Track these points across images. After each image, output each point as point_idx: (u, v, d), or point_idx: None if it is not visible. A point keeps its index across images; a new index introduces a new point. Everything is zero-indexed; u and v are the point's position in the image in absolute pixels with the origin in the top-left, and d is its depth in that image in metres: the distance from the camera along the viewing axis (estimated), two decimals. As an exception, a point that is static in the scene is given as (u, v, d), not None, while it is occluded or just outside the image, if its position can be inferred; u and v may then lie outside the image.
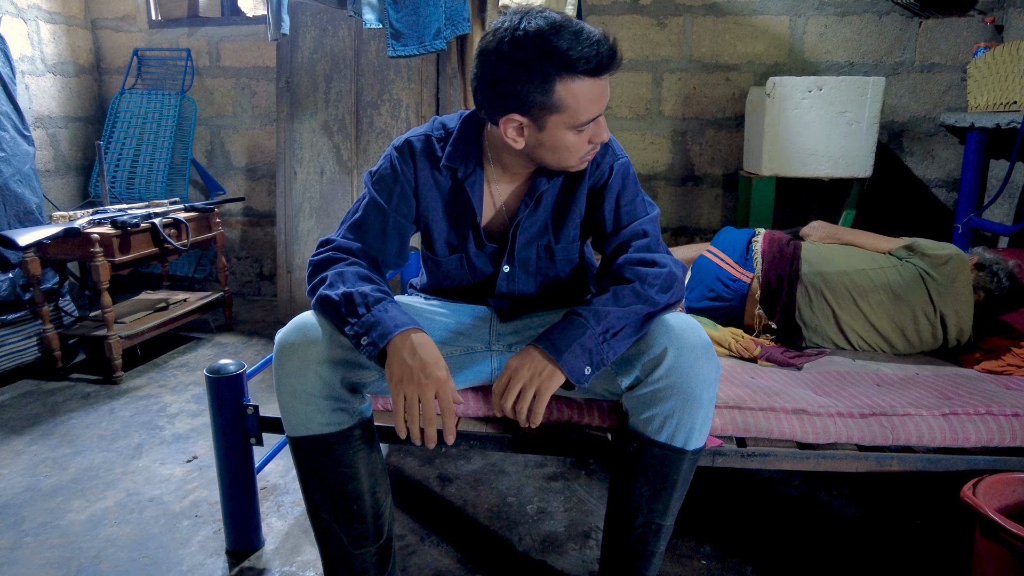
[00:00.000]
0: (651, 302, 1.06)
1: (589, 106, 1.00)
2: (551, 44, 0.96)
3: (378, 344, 1.00)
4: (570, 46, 0.96)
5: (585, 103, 1.00)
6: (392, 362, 0.99)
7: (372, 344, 1.00)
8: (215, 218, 2.79)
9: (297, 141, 2.91)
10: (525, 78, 0.98)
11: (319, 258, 1.15)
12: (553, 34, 0.96)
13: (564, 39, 0.96)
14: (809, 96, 2.30)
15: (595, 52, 0.96)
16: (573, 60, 0.96)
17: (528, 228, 1.20)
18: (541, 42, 0.96)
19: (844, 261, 1.64)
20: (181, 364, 2.56)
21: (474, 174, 1.17)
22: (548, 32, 0.96)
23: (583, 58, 0.96)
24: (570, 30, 0.96)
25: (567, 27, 0.96)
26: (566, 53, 0.96)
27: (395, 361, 0.99)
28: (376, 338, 1.00)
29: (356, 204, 1.21)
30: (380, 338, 1.00)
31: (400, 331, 1.00)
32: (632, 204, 1.18)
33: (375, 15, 2.05)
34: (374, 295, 1.05)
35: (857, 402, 1.36)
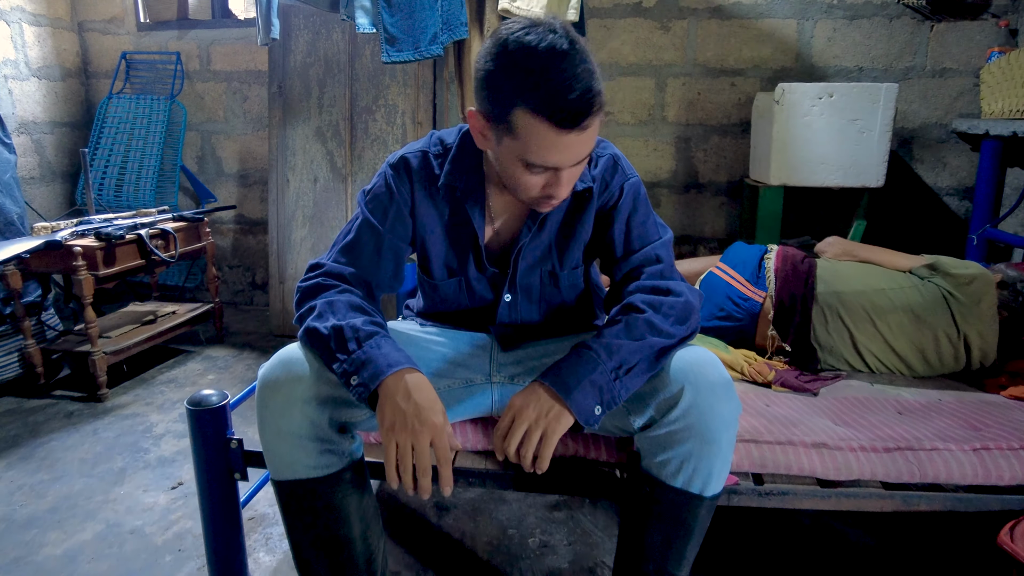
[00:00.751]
0: (666, 335, 0.98)
1: (544, 152, 0.89)
2: (529, 72, 0.85)
3: (369, 385, 0.92)
4: (547, 87, 0.84)
5: (539, 147, 0.89)
6: (384, 406, 0.91)
7: (363, 385, 0.92)
8: (205, 227, 2.70)
9: (290, 148, 2.82)
10: (494, 83, 0.89)
11: (308, 284, 1.07)
12: (538, 61, 0.85)
13: (546, 75, 0.84)
14: (819, 103, 2.22)
15: (567, 108, 0.84)
16: (541, 101, 0.85)
17: (531, 253, 1.11)
18: (524, 58, 0.86)
19: (862, 280, 1.56)
20: (169, 379, 2.47)
21: (474, 194, 1.09)
22: (536, 56, 0.85)
23: (553, 108, 0.85)
24: (558, 70, 0.84)
25: (558, 63, 0.84)
26: (536, 91, 0.85)
27: (387, 405, 0.91)
28: (367, 378, 0.92)
29: (348, 225, 1.14)
30: (371, 379, 0.92)
31: (393, 371, 0.92)
32: (644, 227, 1.10)
33: (368, 19, 1.96)
34: (366, 329, 0.97)
35: (879, 433, 1.28)
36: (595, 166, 1.10)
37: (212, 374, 2.53)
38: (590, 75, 0.86)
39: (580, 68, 0.85)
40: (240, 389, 2.39)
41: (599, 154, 1.11)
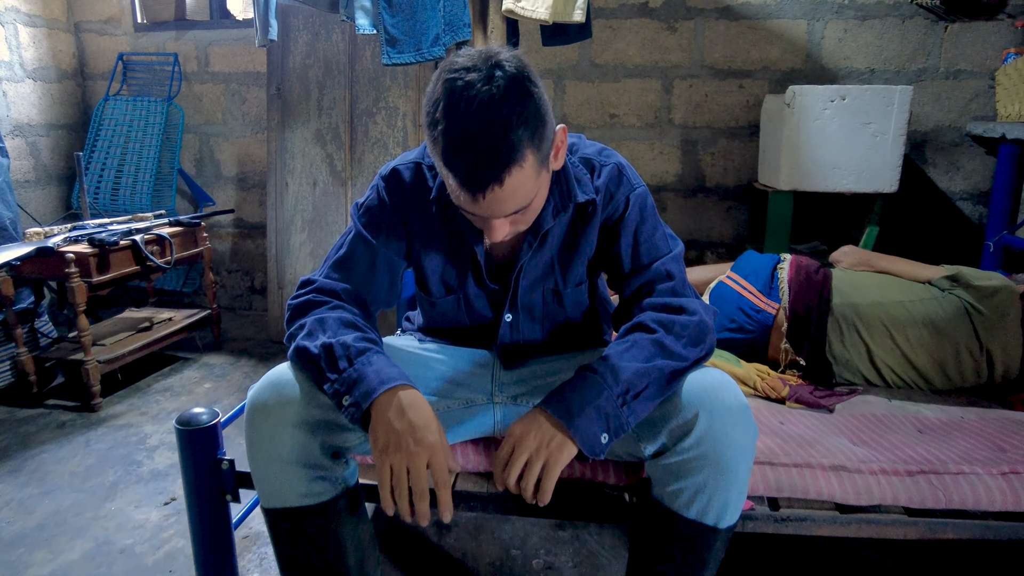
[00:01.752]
0: (678, 357, 0.92)
1: (463, 204, 0.86)
2: (436, 123, 0.81)
3: (361, 404, 0.87)
4: (450, 146, 0.80)
5: (456, 197, 0.86)
6: (377, 425, 0.86)
7: (355, 405, 0.87)
8: (202, 232, 2.65)
9: (288, 151, 2.77)
10: (424, 115, 0.85)
11: (298, 302, 1.02)
12: (449, 113, 0.79)
13: (451, 131, 0.79)
14: (831, 106, 2.16)
15: (469, 175, 0.81)
16: (446, 159, 0.82)
17: (532, 271, 1.06)
18: (438, 106, 0.81)
19: (879, 292, 1.50)
20: (165, 388, 2.42)
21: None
22: (451, 107, 0.79)
23: (456, 168, 0.81)
24: (466, 125, 0.78)
25: (469, 120, 0.78)
26: (438, 147, 0.82)
27: (380, 424, 0.86)
28: (359, 397, 0.87)
29: (341, 239, 1.08)
30: (363, 397, 0.87)
31: (386, 388, 0.87)
32: (652, 240, 1.04)
33: (369, 20, 1.91)
34: (357, 346, 0.91)
35: (900, 455, 1.22)
36: (598, 176, 1.04)
37: (209, 382, 2.48)
38: (505, 130, 0.79)
39: (492, 125, 0.78)
40: (237, 399, 2.34)
41: (602, 163, 1.05)
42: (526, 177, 0.84)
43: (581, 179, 1.03)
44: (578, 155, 1.06)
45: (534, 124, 0.82)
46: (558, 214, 1.02)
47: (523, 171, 0.83)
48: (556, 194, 1.01)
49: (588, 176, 1.04)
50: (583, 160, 1.05)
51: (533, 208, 0.91)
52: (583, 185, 1.03)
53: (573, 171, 1.03)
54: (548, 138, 0.87)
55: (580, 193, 1.02)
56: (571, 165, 1.03)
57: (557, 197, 1.01)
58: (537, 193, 0.89)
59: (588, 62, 2.78)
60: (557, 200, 1.02)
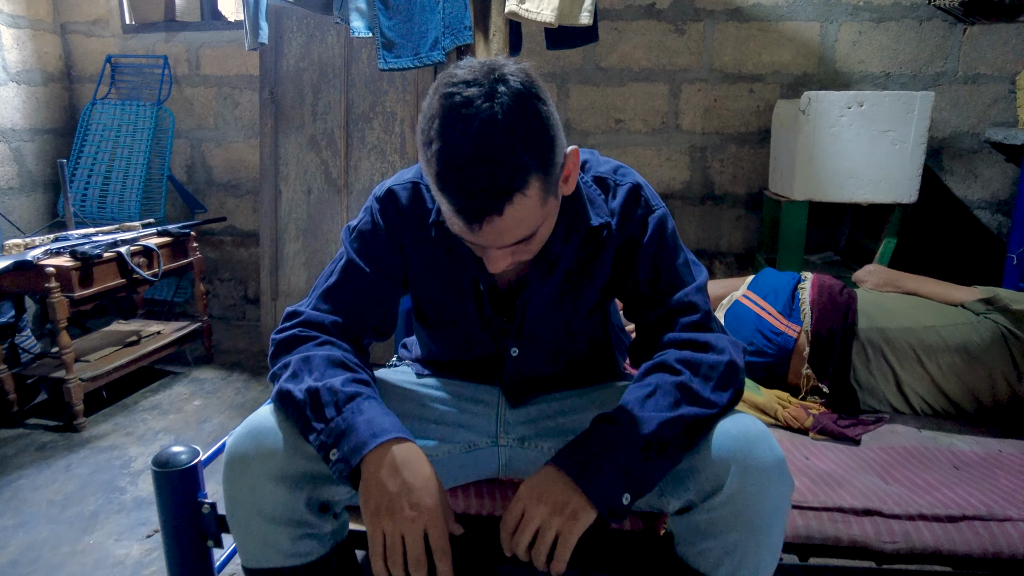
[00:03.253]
0: (707, 403, 0.83)
1: (461, 233, 0.78)
2: (429, 143, 0.73)
3: (350, 461, 0.77)
4: (445, 174, 0.72)
5: (452, 225, 0.78)
6: (368, 485, 0.77)
7: (343, 460, 0.78)
8: (191, 242, 2.55)
9: (282, 157, 2.67)
10: (418, 134, 0.76)
11: (282, 337, 0.93)
12: (444, 136, 0.71)
13: (445, 157, 0.71)
14: (848, 112, 2.07)
15: (465, 205, 0.73)
16: (441, 186, 0.73)
17: (540, 301, 0.96)
18: (432, 128, 0.73)
19: (909, 315, 1.40)
20: (152, 405, 2.32)
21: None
22: (445, 130, 0.71)
23: (452, 197, 0.73)
24: (463, 153, 0.70)
25: (466, 145, 0.70)
26: (432, 172, 0.73)
27: (372, 485, 0.76)
28: (347, 452, 0.78)
29: (331, 266, 0.99)
30: (352, 453, 0.78)
31: (378, 443, 0.78)
32: (673, 268, 0.94)
33: (364, 22, 1.81)
34: (346, 390, 0.82)
35: (940, 497, 1.12)
36: (613, 196, 0.95)
37: (199, 399, 2.39)
38: (508, 155, 0.70)
39: (492, 149, 0.70)
40: (228, 416, 2.25)
41: (618, 182, 0.95)
42: (530, 206, 0.75)
43: (594, 200, 0.94)
44: (591, 174, 0.96)
45: (540, 147, 0.73)
46: (569, 239, 0.93)
47: (527, 199, 0.74)
48: (567, 218, 0.92)
49: (602, 198, 0.95)
50: (596, 179, 0.96)
51: (539, 238, 0.82)
52: (596, 207, 0.93)
53: (585, 191, 0.94)
54: (557, 163, 0.77)
55: (593, 216, 0.92)
56: (583, 185, 0.94)
57: (568, 221, 0.92)
58: (544, 222, 0.80)
59: (593, 65, 2.68)
60: (568, 224, 0.92)
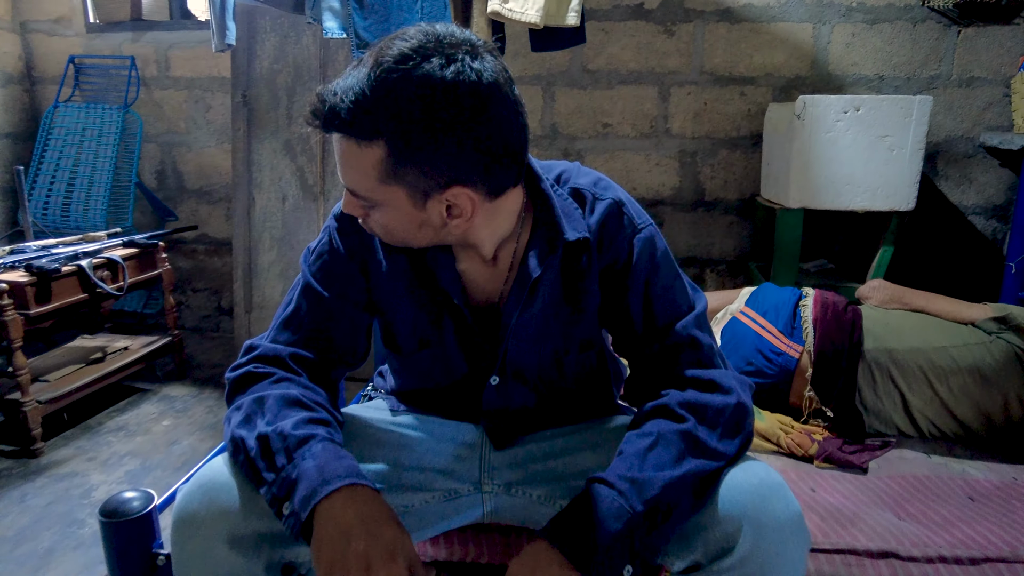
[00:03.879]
0: (715, 455, 0.74)
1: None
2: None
3: (300, 514, 0.68)
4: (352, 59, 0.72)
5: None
6: (319, 541, 0.67)
7: (294, 515, 0.68)
8: (160, 253, 2.43)
9: (256, 163, 2.55)
10: None
11: (237, 375, 0.83)
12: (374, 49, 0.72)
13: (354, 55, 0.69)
14: (845, 117, 1.99)
15: (324, 89, 0.72)
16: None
17: (523, 330, 0.86)
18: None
19: (918, 335, 1.33)
20: (118, 427, 2.20)
21: (441, 248, 0.85)
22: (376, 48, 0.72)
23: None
24: (371, 61, 0.70)
25: (373, 54, 0.70)
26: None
27: (323, 540, 0.66)
28: (298, 505, 0.68)
29: (290, 292, 0.89)
30: (302, 504, 0.68)
31: (330, 490, 0.68)
32: (668, 295, 0.85)
33: (338, 23, 1.71)
34: (297, 434, 0.72)
35: (958, 535, 1.05)
36: (591, 211, 0.85)
37: (168, 418, 2.26)
38: (390, 100, 0.68)
39: (389, 84, 0.68)
40: (199, 438, 2.13)
41: (597, 196, 0.86)
42: (361, 162, 0.71)
43: (570, 215, 0.84)
44: (568, 186, 0.87)
45: (420, 135, 0.68)
46: (546, 258, 0.83)
47: (359, 152, 0.70)
48: (541, 235, 0.83)
49: (579, 212, 0.85)
50: (573, 192, 0.86)
51: (378, 220, 0.77)
52: (573, 221, 0.83)
53: (560, 205, 0.84)
54: (427, 174, 0.72)
55: (569, 230, 0.82)
56: (558, 198, 0.85)
57: (543, 238, 0.83)
58: (384, 206, 0.75)
59: (580, 68, 2.60)
60: (543, 242, 0.83)
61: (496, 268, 0.86)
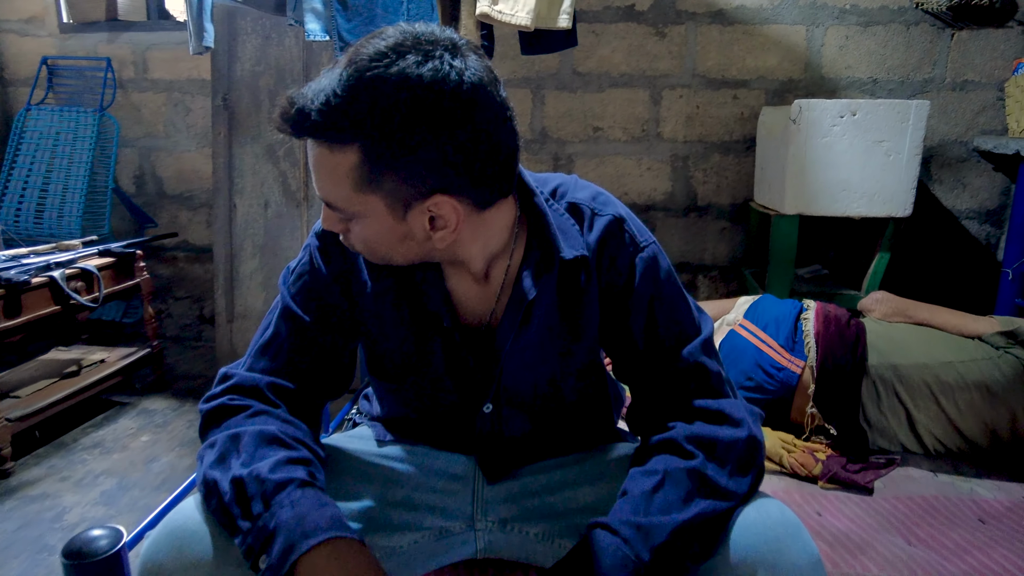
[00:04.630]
0: (726, 495, 0.68)
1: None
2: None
3: (279, 570, 0.62)
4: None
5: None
6: None
7: (272, 570, 0.62)
8: (139, 262, 2.35)
9: (237, 168, 2.47)
10: None
11: (210, 407, 0.76)
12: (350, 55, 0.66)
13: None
14: (841, 122, 1.96)
15: (297, 93, 0.65)
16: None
17: (519, 354, 0.81)
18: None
19: (923, 350, 1.29)
20: (94, 443, 2.11)
21: (429, 267, 0.80)
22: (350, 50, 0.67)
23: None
24: (346, 59, 0.65)
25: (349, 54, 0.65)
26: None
27: None
28: (276, 558, 0.62)
29: (268, 316, 0.83)
30: (281, 558, 0.62)
31: (311, 544, 0.62)
32: (673, 319, 0.80)
33: (320, 25, 1.64)
34: (274, 478, 0.66)
35: (972, 562, 1.01)
36: (590, 228, 0.80)
37: (147, 433, 2.18)
38: (367, 99, 0.63)
39: (365, 82, 0.62)
40: (179, 454, 2.05)
41: (596, 212, 0.80)
42: (334, 169, 0.66)
43: (567, 231, 0.79)
44: (565, 200, 0.81)
45: (399, 137, 0.63)
46: (541, 277, 0.78)
47: (332, 157, 0.65)
48: (535, 253, 0.77)
49: (576, 229, 0.79)
50: (571, 207, 0.81)
51: (357, 234, 0.72)
52: (569, 238, 0.78)
53: (556, 220, 0.78)
54: (406, 181, 0.66)
55: (566, 248, 0.77)
56: (554, 213, 0.79)
57: (537, 256, 0.77)
58: (363, 219, 0.69)
59: (570, 70, 2.54)
60: (537, 260, 0.77)
61: (488, 286, 0.81)
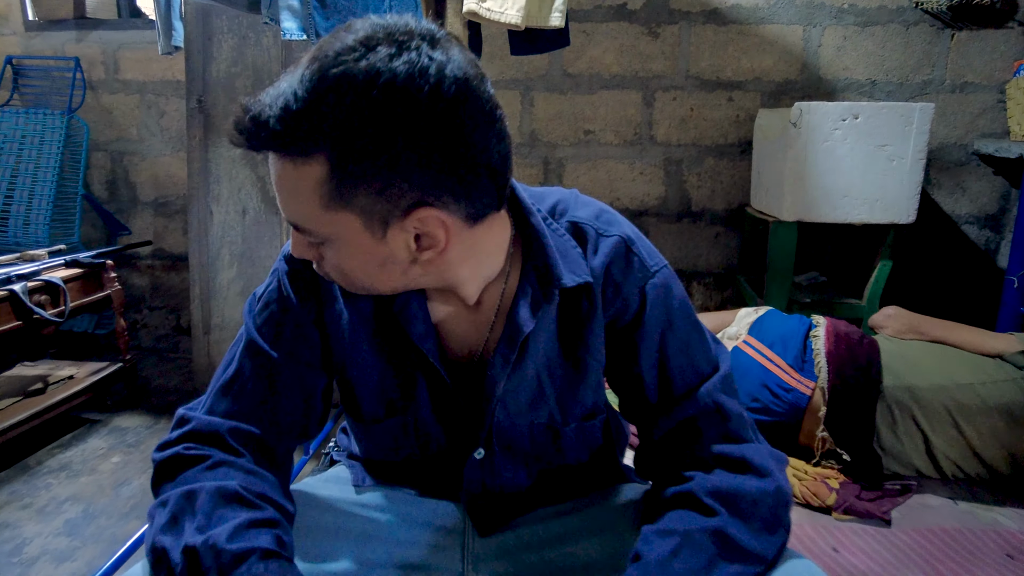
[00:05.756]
0: (753, 557, 0.60)
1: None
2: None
3: None
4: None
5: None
6: None
7: None
8: (109, 272, 2.23)
9: (213, 173, 2.36)
10: None
11: (163, 458, 0.67)
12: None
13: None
14: (843, 125, 1.89)
15: (239, 115, 0.56)
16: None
17: (513, 396, 0.72)
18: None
19: (941, 371, 1.21)
20: (61, 466, 2.00)
21: (411, 295, 0.70)
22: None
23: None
24: (306, 63, 0.55)
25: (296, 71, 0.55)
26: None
27: None
28: None
29: (231, 349, 0.74)
30: None
31: None
32: (688, 354, 0.71)
33: (297, 22, 1.54)
34: (233, 548, 0.57)
35: (1002, 606, 0.93)
36: (594, 251, 0.71)
37: (118, 454, 2.07)
38: (333, 103, 0.53)
39: (329, 83, 0.53)
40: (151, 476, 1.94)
41: (601, 232, 0.71)
42: (298, 185, 0.56)
43: (567, 254, 0.69)
44: (565, 219, 0.72)
45: (365, 148, 0.53)
46: (539, 307, 0.69)
47: (295, 170, 0.56)
48: (532, 279, 0.68)
49: (578, 251, 0.70)
50: (571, 226, 0.72)
51: (329, 260, 0.62)
52: (571, 262, 0.69)
53: (556, 242, 0.69)
54: (382, 195, 0.56)
55: (566, 274, 0.68)
56: (553, 233, 0.70)
57: (534, 283, 0.68)
58: (332, 238, 0.60)
59: (560, 71, 2.46)
60: (535, 287, 0.68)
61: (479, 313, 0.72)
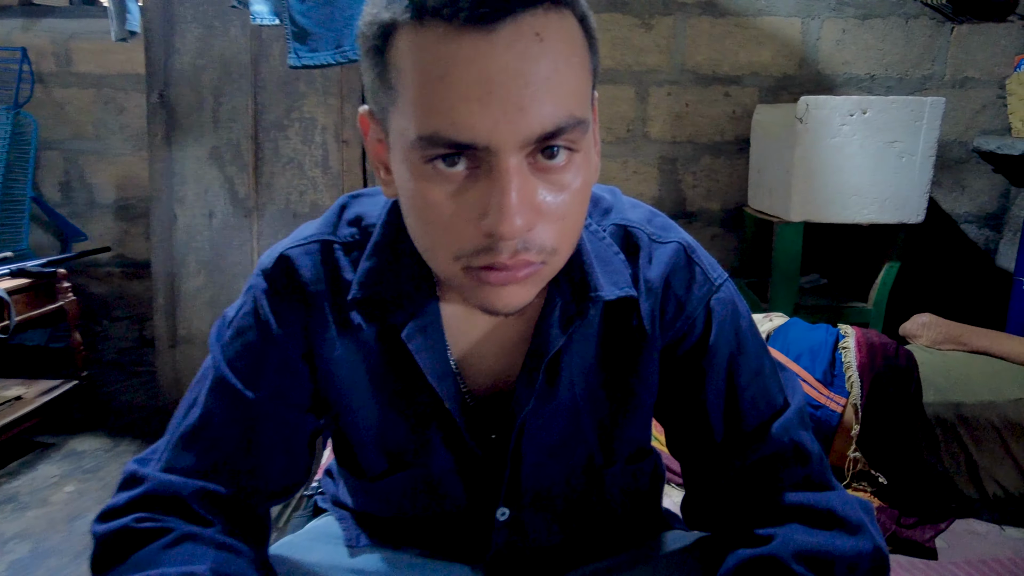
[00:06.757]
0: None
1: (437, 88, 0.41)
2: None
3: None
4: None
5: (425, 77, 0.41)
6: None
7: None
8: (62, 282, 2.04)
9: (177, 174, 2.19)
10: (367, 18, 0.46)
11: (108, 531, 0.52)
12: None
13: None
14: (851, 121, 1.79)
15: None
16: None
17: (542, 430, 0.58)
18: None
19: (987, 385, 1.12)
20: (7, 497, 1.81)
21: (423, 317, 0.55)
22: None
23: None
24: None
25: None
26: None
27: None
28: None
29: (194, 388, 0.58)
30: None
31: None
32: (759, 383, 0.59)
33: (268, 6, 1.39)
34: None
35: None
36: (648, 261, 0.57)
37: (72, 483, 1.88)
38: None
39: None
40: (109, 506, 1.76)
41: (656, 238, 0.58)
42: (567, 52, 0.42)
43: (609, 261, 0.56)
44: (610, 220, 0.59)
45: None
46: (572, 322, 0.55)
47: (563, 31, 0.41)
48: (563, 290, 0.55)
49: (621, 258, 0.57)
50: (619, 230, 0.59)
51: (559, 208, 0.45)
52: (612, 271, 0.56)
53: (593, 246, 0.56)
54: (596, 52, 0.46)
55: (607, 285, 0.55)
56: (591, 237, 0.57)
57: (566, 295, 0.55)
58: (586, 149, 0.46)
59: (549, 65, 2.33)
60: (565, 300, 0.55)
61: (510, 332, 0.57)
